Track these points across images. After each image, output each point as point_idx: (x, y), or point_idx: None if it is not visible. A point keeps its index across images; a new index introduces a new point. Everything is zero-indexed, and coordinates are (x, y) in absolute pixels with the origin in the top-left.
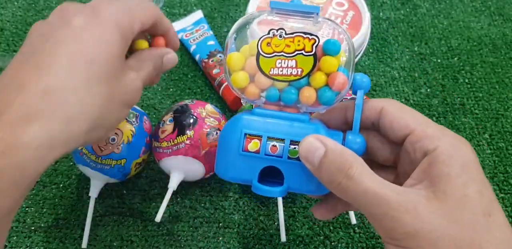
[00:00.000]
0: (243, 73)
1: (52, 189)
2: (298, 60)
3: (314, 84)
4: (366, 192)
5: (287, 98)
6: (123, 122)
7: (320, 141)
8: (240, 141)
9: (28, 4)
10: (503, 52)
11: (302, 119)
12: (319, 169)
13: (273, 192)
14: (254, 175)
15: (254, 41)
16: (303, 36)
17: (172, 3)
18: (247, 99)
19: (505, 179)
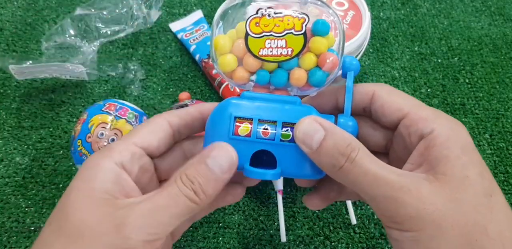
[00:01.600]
0: (231, 55)
1: (51, 189)
2: (288, 39)
3: (304, 65)
4: (367, 174)
5: (277, 80)
6: (123, 122)
7: (319, 123)
8: (230, 125)
9: (27, 4)
10: (503, 52)
11: (293, 101)
12: (317, 152)
13: (266, 174)
14: (246, 159)
15: (241, 23)
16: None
17: (172, 3)
18: (235, 83)
19: (505, 179)
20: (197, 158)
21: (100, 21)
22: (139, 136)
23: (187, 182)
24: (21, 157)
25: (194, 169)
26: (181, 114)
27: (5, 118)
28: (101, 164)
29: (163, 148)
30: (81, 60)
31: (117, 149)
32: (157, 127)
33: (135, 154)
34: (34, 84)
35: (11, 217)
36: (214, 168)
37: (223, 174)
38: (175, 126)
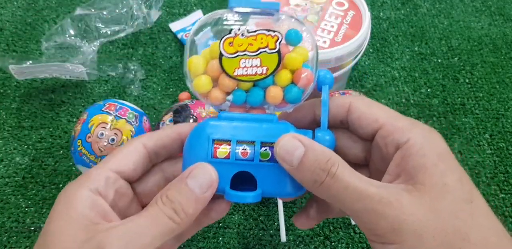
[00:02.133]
0: (206, 77)
1: (51, 189)
2: (262, 58)
3: (280, 82)
4: (347, 188)
5: (253, 99)
6: (123, 122)
7: (298, 139)
8: (209, 148)
9: (27, 4)
10: (503, 52)
11: (270, 119)
12: (298, 169)
13: (247, 197)
14: (226, 182)
15: (215, 43)
16: (266, 34)
17: (172, 3)
18: (211, 104)
19: (505, 179)
20: (177, 179)
21: (100, 21)
22: (114, 161)
23: (168, 202)
24: (21, 157)
25: (175, 189)
26: (158, 136)
27: (5, 118)
28: (77, 192)
29: (140, 171)
30: (81, 60)
31: (91, 176)
32: (131, 150)
33: (110, 179)
34: (34, 84)
35: (11, 217)
36: (194, 187)
37: (203, 193)
38: (150, 148)
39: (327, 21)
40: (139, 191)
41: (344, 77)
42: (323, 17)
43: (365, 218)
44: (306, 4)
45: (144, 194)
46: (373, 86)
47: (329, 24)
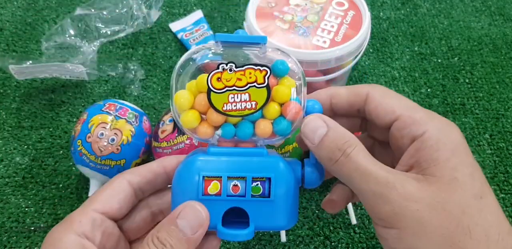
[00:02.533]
0: (193, 112)
1: (51, 189)
2: (251, 93)
3: (268, 115)
4: (357, 169)
5: (243, 133)
6: (123, 122)
7: (323, 120)
8: (199, 185)
9: (27, 4)
10: (503, 52)
11: (260, 153)
12: (318, 146)
13: (240, 235)
14: (218, 219)
15: (202, 76)
16: (254, 68)
17: (172, 3)
18: (199, 138)
19: (505, 179)
20: (166, 220)
21: (100, 21)
22: (98, 202)
23: (159, 245)
24: (21, 157)
25: (165, 231)
26: (142, 172)
27: (5, 118)
28: (62, 238)
29: (126, 209)
30: (81, 60)
31: (76, 219)
32: (116, 189)
33: (96, 221)
34: (34, 84)
35: (11, 217)
36: (184, 229)
37: (194, 234)
38: (135, 185)
39: (327, 21)
40: (126, 228)
41: (344, 77)
42: (323, 17)
43: (370, 200)
44: (306, 4)
45: (131, 231)
46: None
47: (329, 24)
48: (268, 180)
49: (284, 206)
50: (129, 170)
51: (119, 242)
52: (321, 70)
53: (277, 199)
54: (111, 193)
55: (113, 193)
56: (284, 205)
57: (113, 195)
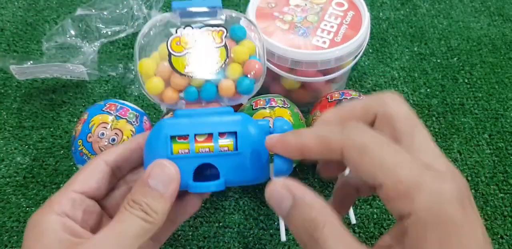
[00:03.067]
0: (157, 78)
1: (52, 189)
2: None
3: (231, 75)
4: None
5: (207, 94)
6: (124, 122)
7: (287, 189)
8: (167, 145)
9: (28, 4)
10: (502, 52)
11: (226, 111)
12: (287, 221)
13: (210, 186)
14: (189, 176)
15: (163, 45)
16: (211, 29)
17: None
18: (166, 104)
19: (504, 179)
20: (138, 182)
21: (100, 21)
22: (77, 183)
23: (135, 206)
24: (22, 157)
25: (138, 192)
26: (117, 150)
27: (6, 118)
28: (44, 219)
29: (105, 188)
30: (81, 60)
31: (56, 201)
32: (93, 169)
33: (76, 201)
34: (35, 84)
35: (12, 217)
36: (156, 186)
37: (167, 190)
38: (112, 163)
39: (326, 22)
40: (108, 206)
41: (343, 77)
42: (322, 18)
43: None
44: (306, 5)
45: (112, 209)
46: (373, 86)
47: (329, 24)
48: (235, 134)
49: (252, 159)
50: (105, 151)
51: (101, 219)
52: (321, 71)
53: (244, 152)
54: (89, 173)
55: (91, 174)
56: (252, 158)
57: (90, 175)
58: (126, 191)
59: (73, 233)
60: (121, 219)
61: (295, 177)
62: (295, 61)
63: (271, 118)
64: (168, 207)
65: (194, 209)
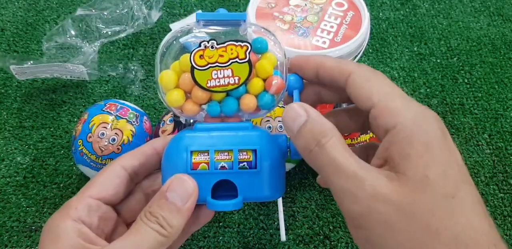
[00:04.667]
0: (178, 90)
1: (52, 189)
2: (234, 68)
3: (252, 90)
4: (330, 162)
5: (228, 109)
6: (124, 122)
7: (304, 109)
8: (187, 160)
9: (28, 5)
10: (502, 52)
11: (246, 127)
12: (296, 135)
13: (228, 205)
14: (207, 192)
15: (185, 55)
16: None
17: (172, 3)
18: (186, 116)
19: (504, 179)
20: (157, 194)
21: (100, 21)
22: (94, 188)
23: (152, 218)
24: (22, 156)
25: (156, 205)
26: (134, 155)
27: (6, 118)
28: (60, 224)
29: (122, 194)
30: (81, 60)
31: (73, 206)
32: (110, 174)
33: (92, 207)
34: (35, 84)
35: (12, 217)
36: (174, 200)
37: (184, 205)
38: (129, 169)
39: (326, 22)
40: (123, 212)
41: None
42: (322, 18)
43: (340, 197)
44: (305, 5)
45: (127, 215)
46: None
47: (329, 24)
48: (254, 151)
49: (271, 176)
50: (122, 155)
51: (116, 225)
52: None
53: (263, 170)
54: (106, 178)
55: (108, 179)
56: (271, 175)
57: (107, 180)
58: (142, 198)
59: (87, 240)
60: (136, 231)
61: (294, 176)
62: None
63: (271, 118)
64: (184, 222)
65: (206, 220)
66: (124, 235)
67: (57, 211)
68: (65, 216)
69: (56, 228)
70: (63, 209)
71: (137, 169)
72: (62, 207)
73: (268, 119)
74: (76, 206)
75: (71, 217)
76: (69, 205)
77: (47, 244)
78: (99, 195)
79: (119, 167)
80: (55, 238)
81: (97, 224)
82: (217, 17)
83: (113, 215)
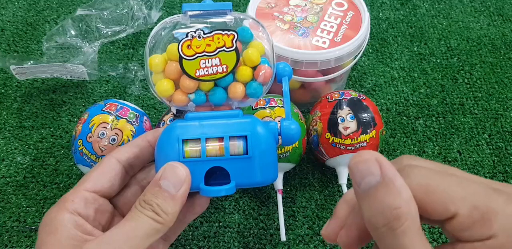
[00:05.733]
0: (167, 81)
1: (52, 189)
2: (221, 57)
3: (241, 78)
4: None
5: (216, 99)
6: (124, 122)
7: (380, 165)
8: (179, 149)
9: (28, 5)
10: (502, 52)
11: (236, 114)
12: (363, 196)
13: (221, 190)
14: (200, 179)
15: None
16: (222, 33)
17: (172, 3)
18: (176, 106)
19: (504, 179)
20: (151, 183)
21: (100, 21)
22: (89, 181)
23: (146, 206)
24: (22, 156)
25: (149, 193)
26: (128, 148)
27: (6, 118)
28: (57, 216)
29: (117, 186)
30: (81, 60)
31: (69, 199)
32: (105, 168)
33: (88, 199)
34: (35, 84)
35: (12, 217)
36: (167, 188)
37: (178, 191)
38: (124, 162)
39: (326, 22)
40: (119, 204)
41: (343, 77)
42: (322, 18)
43: None
44: (305, 5)
45: (124, 207)
46: (373, 86)
47: (329, 24)
48: (245, 138)
49: (262, 162)
50: (116, 149)
51: (113, 217)
52: (320, 71)
53: (254, 156)
54: (101, 172)
55: (103, 172)
56: (262, 161)
57: (103, 173)
58: (137, 190)
59: (84, 231)
60: (132, 218)
61: (294, 176)
62: (295, 61)
63: (271, 118)
64: (178, 209)
65: (202, 208)
66: (120, 223)
67: (54, 205)
68: (62, 209)
69: (53, 220)
70: (59, 202)
71: (131, 162)
72: (58, 201)
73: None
74: (73, 199)
75: (67, 209)
76: (66, 199)
77: (45, 237)
78: (94, 188)
79: (113, 160)
80: (53, 230)
81: (94, 216)
82: (203, 8)
83: (109, 208)
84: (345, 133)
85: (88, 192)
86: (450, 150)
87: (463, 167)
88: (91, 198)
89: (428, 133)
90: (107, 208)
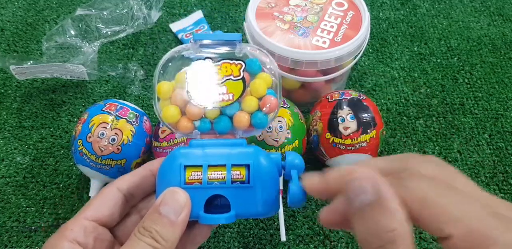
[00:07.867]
0: (174, 107)
1: (52, 189)
2: (228, 85)
3: (246, 108)
4: None
5: (221, 127)
6: (124, 122)
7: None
8: (181, 175)
9: (28, 4)
10: (502, 52)
11: (240, 143)
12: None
13: (220, 219)
14: (200, 207)
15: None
16: (230, 62)
17: (172, 3)
18: (181, 133)
19: (504, 179)
20: (150, 210)
21: (100, 21)
22: (89, 210)
23: (145, 233)
24: (22, 157)
25: (149, 219)
26: (130, 177)
27: (6, 118)
28: (57, 245)
29: (118, 215)
30: (81, 60)
31: (69, 227)
32: (106, 197)
33: (87, 228)
34: (35, 84)
35: (11, 217)
36: (167, 214)
37: (177, 218)
38: (125, 190)
39: (327, 22)
40: (119, 234)
41: (343, 77)
42: (323, 18)
43: None
44: (306, 5)
45: (124, 237)
46: (373, 86)
47: (329, 24)
48: (247, 167)
49: (264, 192)
50: (119, 178)
51: (113, 246)
52: (321, 71)
53: (256, 185)
54: (102, 200)
55: (103, 201)
56: (264, 191)
57: (103, 202)
58: (138, 220)
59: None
60: (130, 245)
61: None
62: (295, 61)
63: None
64: (178, 235)
65: (203, 239)
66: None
67: (54, 233)
68: (62, 237)
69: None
70: (60, 230)
71: (132, 191)
72: (59, 229)
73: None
74: (72, 227)
75: (67, 238)
76: (65, 227)
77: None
78: (94, 216)
79: (114, 189)
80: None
81: (93, 245)
82: (214, 38)
83: (109, 237)
84: (345, 133)
85: (87, 221)
86: (450, 150)
87: (464, 167)
88: (90, 226)
89: (428, 133)
90: (107, 237)
